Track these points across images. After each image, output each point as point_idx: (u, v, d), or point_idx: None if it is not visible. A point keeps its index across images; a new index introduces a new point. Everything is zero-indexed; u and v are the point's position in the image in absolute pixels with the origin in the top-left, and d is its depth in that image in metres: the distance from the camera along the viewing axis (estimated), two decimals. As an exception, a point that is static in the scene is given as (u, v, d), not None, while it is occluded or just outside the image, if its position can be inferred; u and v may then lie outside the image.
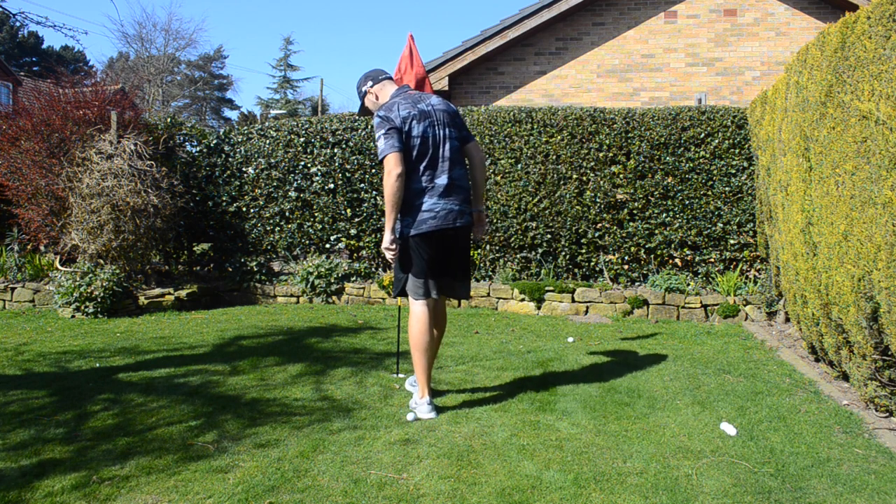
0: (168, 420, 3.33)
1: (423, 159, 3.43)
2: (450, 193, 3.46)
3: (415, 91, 3.68)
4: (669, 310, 6.63)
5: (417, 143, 3.41)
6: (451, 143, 3.51)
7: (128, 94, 8.92)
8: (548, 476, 2.72)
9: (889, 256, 3.09)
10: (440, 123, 3.50)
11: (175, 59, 39.88)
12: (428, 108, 3.50)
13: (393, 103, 3.48)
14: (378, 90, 3.65)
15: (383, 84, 3.65)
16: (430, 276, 3.50)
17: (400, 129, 3.38)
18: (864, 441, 3.16)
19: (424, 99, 3.55)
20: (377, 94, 3.65)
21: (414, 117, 3.42)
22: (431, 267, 3.49)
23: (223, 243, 7.98)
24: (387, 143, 3.36)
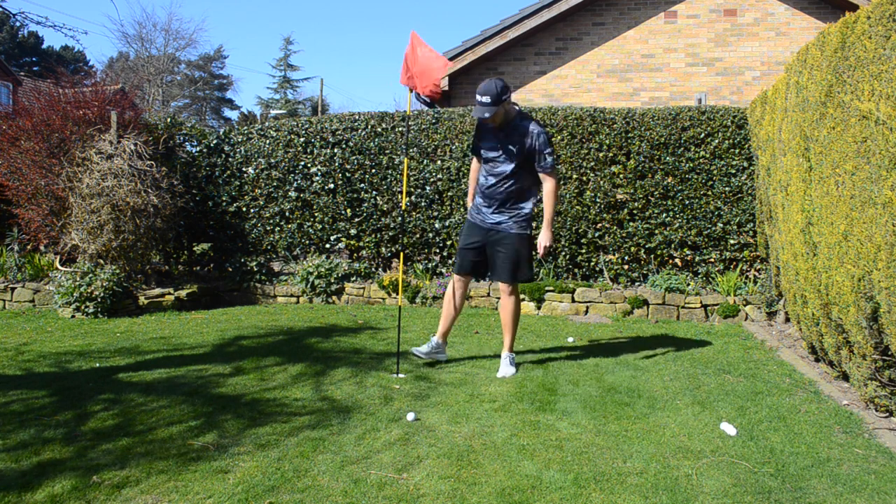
0: (168, 420, 3.33)
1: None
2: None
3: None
4: (669, 310, 6.63)
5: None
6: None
7: (128, 94, 8.92)
8: (548, 476, 2.72)
9: (889, 256, 3.09)
10: None
11: (175, 59, 39.89)
12: None
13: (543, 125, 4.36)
14: (512, 100, 4.31)
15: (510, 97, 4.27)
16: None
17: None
18: (864, 441, 3.16)
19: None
20: (508, 105, 4.26)
21: None
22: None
23: (223, 243, 7.98)
24: (554, 158, 4.30)
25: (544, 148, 4.20)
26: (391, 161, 7.59)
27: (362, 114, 7.81)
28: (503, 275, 4.37)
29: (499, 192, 4.32)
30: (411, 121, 7.50)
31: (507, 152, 4.26)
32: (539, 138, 4.20)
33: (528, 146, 4.21)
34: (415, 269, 7.60)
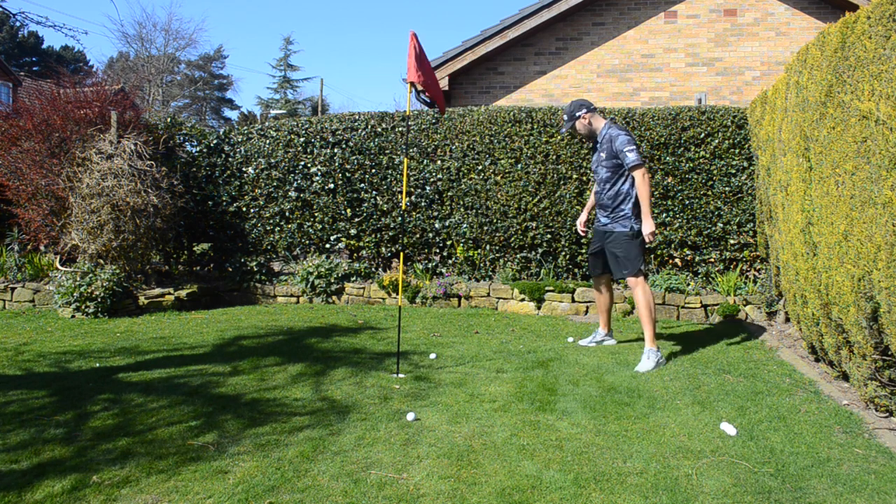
0: (168, 420, 3.33)
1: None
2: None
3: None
4: (669, 310, 6.63)
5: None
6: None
7: (128, 94, 8.92)
8: (548, 476, 2.72)
9: (889, 256, 3.09)
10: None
11: (175, 59, 39.88)
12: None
13: (625, 129, 4.79)
14: (590, 117, 4.89)
15: (594, 114, 4.91)
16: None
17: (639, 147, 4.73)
18: (864, 441, 3.16)
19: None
20: (590, 120, 4.88)
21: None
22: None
23: (223, 243, 7.98)
24: (638, 154, 4.66)
25: (623, 147, 4.68)
26: (391, 161, 7.59)
27: (362, 114, 7.80)
28: (616, 271, 4.88)
29: (603, 198, 4.88)
30: (411, 121, 7.50)
31: (599, 160, 4.87)
32: (617, 139, 4.72)
33: (611, 150, 4.75)
34: (415, 269, 7.60)
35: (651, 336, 4.62)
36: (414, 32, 4.51)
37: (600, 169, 4.86)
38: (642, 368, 4.45)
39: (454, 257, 7.51)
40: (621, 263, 4.77)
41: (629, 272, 4.75)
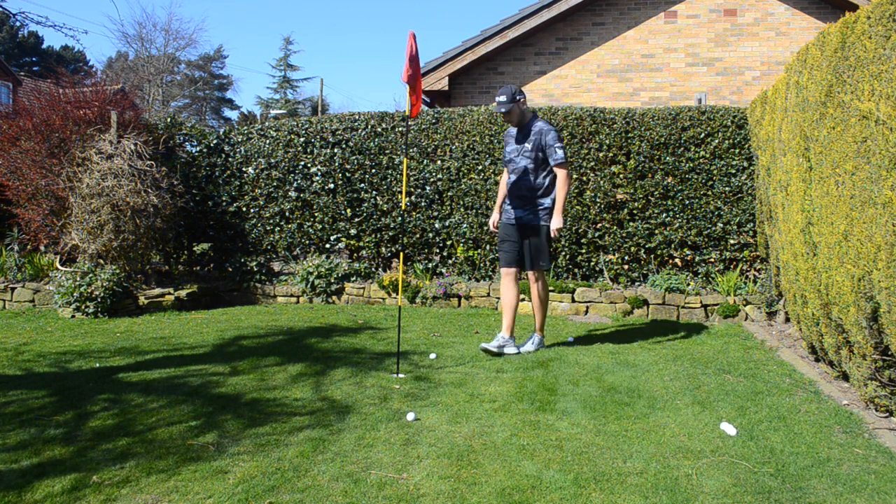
0: (168, 420, 3.33)
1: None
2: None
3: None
4: (669, 310, 6.63)
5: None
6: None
7: (128, 94, 8.93)
8: (548, 476, 2.72)
9: (889, 256, 3.09)
10: None
11: (175, 59, 39.88)
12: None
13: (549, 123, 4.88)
14: (525, 105, 4.88)
15: (526, 103, 4.95)
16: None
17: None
18: (864, 441, 3.16)
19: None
20: (524, 108, 4.87)
21: None
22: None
23: (223, 243, 7.98)
24: (565, 152, 4.77)
25: (554, 142, 4.74)
26: (391, 161, 7.59)
27: (362, 114, 7.80)
28: (534, 262, 4.96)
29: (521, 189, 4.86)
30: (411, 121, 7.50)
31: (522, 150, 4.86)
32: (549, 134, 4.76)
33: (539, 142, 4.78)
34: (415, 269, 7.60)
35: (542, 324, 5.09)
36: (413, 33, 4.51)
37: (521, 159, 4.88)
38: (524, 350, 4.96)
39: (454, 257, 7.51)
40: (541, 256, 4.92)
41: (546, 265, 4.95)
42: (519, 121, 4.90)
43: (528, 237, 4.90)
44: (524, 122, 4.92)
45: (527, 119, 4.92)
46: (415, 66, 4.53)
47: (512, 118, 4.85)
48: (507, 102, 4.78)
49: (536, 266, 4.94)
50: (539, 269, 4.96)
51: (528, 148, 4.82)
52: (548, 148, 4.77)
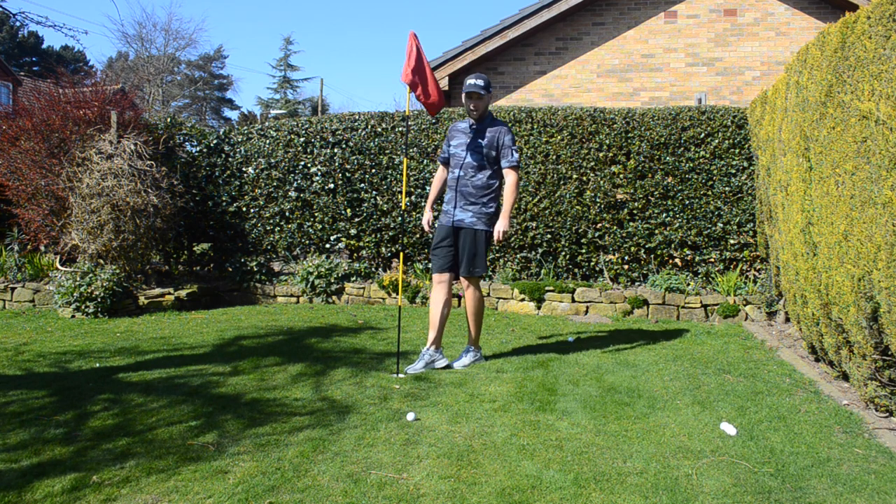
0: (168, 420, 3.33)
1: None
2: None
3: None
4: (669, 310, 6.63)
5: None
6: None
7: (128, 94, 8.92)
8: (548, 476, 2.72)
9: (889, 256, 3.09)
10: None
11: (175, 59, 39.88)
12: None
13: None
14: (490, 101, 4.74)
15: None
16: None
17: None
18: (864, 441, 3.16)
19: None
20: (490, 101, 4.64)
21: None
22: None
23: (223, 243, 7.98)
24: (520, 155, 4.53)
25: (511, 144, 4.50)
26: (391, 161, 7.59)
27: (362, 114, 7.80)
28: (469, 268, 4.57)
29: (468, 186, 4.53)
30: (411, 121, 7.50)
31: (475, 146, 4.54)
32: (507, 135, 4.51)
33: (496, 140, 4.51)
34: (415, 269, 7.59)
35: (477, 336, 4.67)
36: (413, 32, 4.51)
37: (470, 154, 4.54)
38: (459, 365, 4.55)
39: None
40: (477, 262, 4.53)
41: (481, 270, 4.55)
42: (481, 114, 4.57)
43: (467, 241, 4.51)
44: (484, 117, 4.60)
45: (487, 115, 4.63)
46: (421, 63, 4.52)
47: (480, 106, 4.52)
48: (484, 87, 4.48)
49: (473, 272, 4.52)
50: (474, 276, 4.55)
51: (483, 144, 4.50)
52: (504, 148, 4.49)
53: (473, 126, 4.59)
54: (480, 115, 4.56)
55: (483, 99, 4.51)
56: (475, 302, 4.60)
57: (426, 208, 4.75)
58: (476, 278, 4.56)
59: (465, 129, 4.63)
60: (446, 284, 4.58)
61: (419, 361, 4.46)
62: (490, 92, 4.55)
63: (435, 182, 4.83)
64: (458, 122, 4.73)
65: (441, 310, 4.54)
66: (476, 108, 4.52)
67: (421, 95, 4.61)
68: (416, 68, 4.50)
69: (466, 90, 4.47)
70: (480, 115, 4.56)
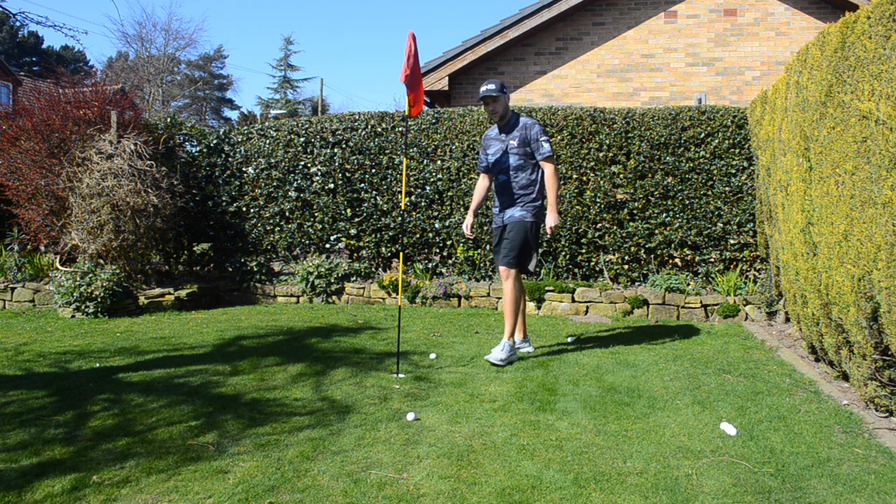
0: (168, 420, 3.33)
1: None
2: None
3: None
4: (669, 310, 6.63)
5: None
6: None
7: (128, 94, 8.92)
8: (548, 476, 2.72)
9: (889, 256, 3.09)
10: None
11: (175, 59, 39.87)
12: None
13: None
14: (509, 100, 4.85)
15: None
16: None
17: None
18: (864, 441, 3.16)
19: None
20: (508, 103, 4.72)
21: None
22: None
23: (223, 243, 7.98)
24: (551, 145, 4.76)
25: (540, 136, 4.61)
26: (391, 161, 7.59)
27: (362, 114, 7.80)
28: (502, 257, 4.73)
29: (514, 188, 4.69)
30: (411, 121, 7.50)
31: (508, 148, 4.69)
32: (534, 128, 4.63)
33: (525, 137, 4.64)
34: (415, 269, 7.60)
35: (511, 330, 4.65)
36: (412, 33, 4.51)
37: (507, 157, 4.70)
38: (494, 358, 4.51)
39: (454, 257, 7.51)
40: (513, 253, 4.62)
41: (512, 259, 4.61)
42: (502, 115, 4.69)
43: (510, 232, 4.66)
44: (507, 117, 4.73)
45: (509, 115, 4.75)
46: (415, 66, 4.53)
47: (498, 107, 4.63)
48: (497, 91, 4.58)
49: (504, 261, 4.66)
50: (510, 267, 4.65)
51: (515, 144, 4.65)
52: (534, 142, 4.61)
53: (501, 130, 4.76)
54: (502, 116, 4.69)
55: (499, 100, 4.62)
56: (507, 294, 4.65)
57: (468, 214, 4.91)
58: (512, 270, 4.63)
59: (496, 136, 4.80)
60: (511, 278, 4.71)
61: (503, 352, 4.51)
62: (505, 93, 4.65)
63: (477, 190, 5.01)
64: (489, 131, 4.90)
65: (513, 299, 4.65)
66: (495, 111, 4.65)
67: (411, 98, 4.62)
68: (414, 70, 4.51)
69: (481, 96, 4.60)
70: (502, 116, 4.69)
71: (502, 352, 4.52)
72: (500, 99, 4.61)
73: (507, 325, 4.65)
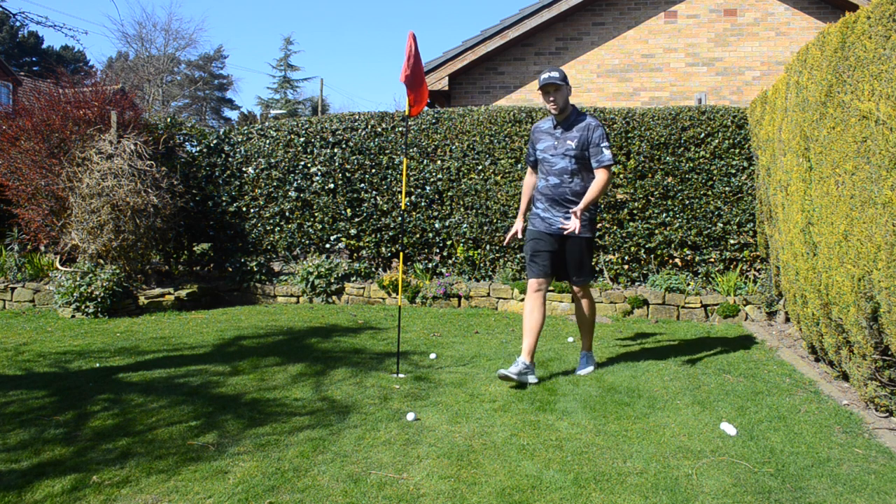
0: (168, 420, 3.33)
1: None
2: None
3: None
4: (669, 310, 6.63)
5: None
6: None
7: (128, 94, 8.92)
8: (548, 476, 2.72)
9: (889, 256, 3.09)
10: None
11: (175, 59, 39.87)
12: None
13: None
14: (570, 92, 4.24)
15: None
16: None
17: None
18: (864, 441, 3.16)
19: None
20: (569, 93, 4.20)
21: None
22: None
23: (223, 243, 7.98)
24: (612, 153, 4.37)
25: (602, 141, 4.11)
26: (391, 161, 7.59)
27: (362, 114, 7.81)
28: (579, 274, 4.35)
29: (566, 193, 4.19)
30: (411, 121, 7.50)
31: (564, 149, 4.18)
32: (597, 130, 4.13)
33: (585, 139, 4.13)
34: (415, 269, 7.60)
35: (590, 341, 4.51)
36: (412, 33, 4.51)
37: (560, 159, 4.19)
38: (583, 371, 4.36)
39: (454, 257, 7.51)
40: (585, 268, 4.33)
41: (589, 277, 4.40)
42: (562, 108, 4.16)
43: (575, 249, 4.25)
44: (567, 111, 4.19)
45: (570, 110, 4.21)
46: (416, 66, 4.52)
47: (559, 100, 4.11)
48: (560, 79, 4.07)
49: (582, 280, 4.35)
50: (586, 284, 4.40)
51: (573, 146, 4.13)
52: (593, 147, 4.11)
53: (557, 125, 4.23)
54: (562, 110, 4.16)
55: (562, 90, 4.10)
56: (588, 308, 4.43)
57: (518, 218, 4.52)
58: (588, 286, 4.43)
59: (550, 130, 4.27)
60: (544, 292, 4.25)
61: (514, 366, 4.06)
62: (568, 83, 4.14)
63: (525, 188, 4.54)
64: (540, 122, 4.40)
65: (537, 317, 4.18)
66: (556, 101, 4.12)
67: (412, 98, 4.61)
68: (415, 70, 4.51)
69: (542, 83, 4.09)
70: (562, 109, 4.16)
71: (588, 364, 4.43)
72: (562, 89, 4.09)
73: (586, 339, 4.47)
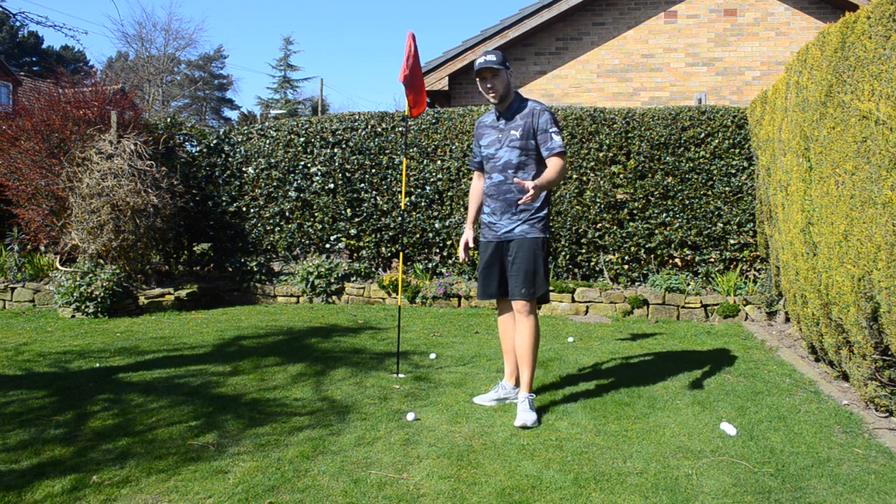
0: (168, 420, 3.33)
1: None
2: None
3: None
4: (669, 310, 6.63)
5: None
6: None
7: (128, 94, 8.92)
8: (548, 476, 2.72)
9: (889, 256, 3.09)
10: None
11: (175, 59, 39.86)
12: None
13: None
14: (512, 76, 3.66)
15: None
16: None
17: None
18: (864, 441, 3.16)
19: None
20: (510, 80, 3.62)
21: None
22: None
23: (223, 243, 7.98)
24: (563, 139, 3.70)
25: (549, 126, 3.51)
26: (391, 161, 7.59)
27: (362, 114, 7.81)
28: (521, 287, 3.54)
29: (509, 192, 3.57)
30: (411, 121, 7.50)
31: (507, 140, 3.59)
32: (543, 115, 3.54)
33: (530, 126, 3.55)
34: (415, 269, 7.60)
35: (531, 379, 3.53)
36: (412, 33, 4.51)
37: (505, 151, 3.57)
38: (524, 422, 3.32)
39: (454, 257, 7.51)
40: (536, 280, 3.52)
41: (542, 290, 3.54)
42: (503, 96, 3.55)
43: (518, 254, 3.53)
44: (508, 99, 3.60)
45: (512, 96, 3.61)
46: (415, 66, 4.52)
47: (497, 84, 3.52)
48: (497, 62, 3.50)
49: (527, 294, 3.51)
50: (526, 300, 3.51)
51: (517, 136, 3.54)
52: (540, 134, 3.50)
53: (500, 116, 3.64)
54: (502, 98, 3.56)
55: (500, 75, 3.51)
56: (531, 333, 3.51)
57: (466, 227, 3.90)
58: (530, 302, 3.52)
59: (494, 123, 3.68)
60: (505, 307, 3.73)
61: (493, 392, 3.72)
62: (508, 67, 3.57)
63: (472, 194, 3.90)
64: (483, 116, 3.79)
65: (508, 340, 3.74)
66: (494, 88, 3.53)
67: (411, 99, 4.60)
68: (414, 70, 4.51)
69: (477, 68, 3.52)
70: (502, 96, 3.56)
71: (530, 411, 3.39)
72: (500, 74, 3.51)
73: (526, 373, 3.50)
